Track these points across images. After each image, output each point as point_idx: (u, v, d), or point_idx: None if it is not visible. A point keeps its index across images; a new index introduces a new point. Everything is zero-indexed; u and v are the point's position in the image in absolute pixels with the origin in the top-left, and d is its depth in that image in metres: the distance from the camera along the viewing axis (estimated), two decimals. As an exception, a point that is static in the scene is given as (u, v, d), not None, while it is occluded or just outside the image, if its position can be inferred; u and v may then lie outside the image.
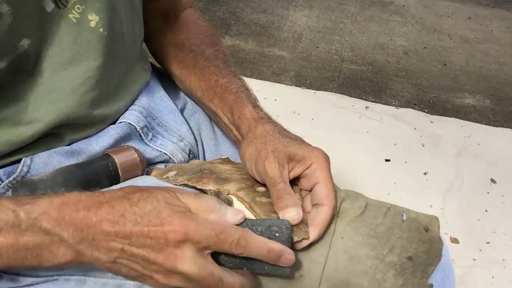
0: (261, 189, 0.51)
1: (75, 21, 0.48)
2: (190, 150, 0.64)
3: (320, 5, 2.59)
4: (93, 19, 0.50)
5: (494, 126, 1.76)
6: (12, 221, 0.38)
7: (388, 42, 2.30)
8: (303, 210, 0.48)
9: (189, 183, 0.52)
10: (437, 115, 1.78)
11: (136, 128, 0.59)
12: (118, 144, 0.57)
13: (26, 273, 0.48)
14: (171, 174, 0.55)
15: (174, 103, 0.67)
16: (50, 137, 0.53)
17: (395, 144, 1.59)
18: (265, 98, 1.73)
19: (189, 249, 0.39)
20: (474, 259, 1.22)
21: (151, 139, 0.60)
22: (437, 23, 2.52)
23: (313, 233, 0.46)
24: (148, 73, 0.65)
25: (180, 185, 0.52)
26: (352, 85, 1.93)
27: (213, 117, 0.65)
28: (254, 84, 0.66)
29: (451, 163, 1.53)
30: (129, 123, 0.58)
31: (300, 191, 0.52)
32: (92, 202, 0.40)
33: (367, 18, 2.51)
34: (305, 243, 0.46)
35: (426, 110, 1.83)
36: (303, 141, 0.52)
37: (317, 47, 2.20)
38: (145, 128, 0.60)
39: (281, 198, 0.47)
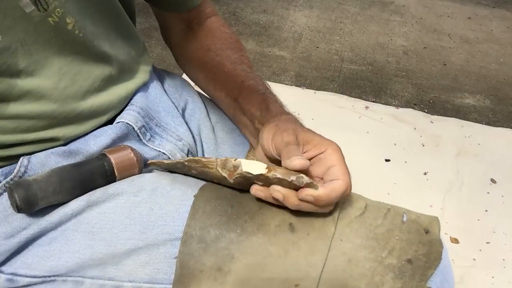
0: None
1: (53, 24, 0.49)
2: (188, 150, 0.64)
3: (320, 5, 2.59)
4: (71, 22, 0.50)
5: (494, 126, 1.76)
6: None
7: (388, 42, 2.30)
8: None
9: (195, 158, 0.51)
10: (437, 115, 1.78)
11: (134, 128, 0.59)
12: (116, 144, 0.57)
13: (23, 273, 0.48)
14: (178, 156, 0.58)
15: (174, 104, 0.67)
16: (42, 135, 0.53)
17: (395, 144, 1.59)
18: (265, 98, 1.73)
19: None
20: (474, 259, 1.22)
21: (149, 139, 0.60)
22: (437, 23, 2.53)
23: (321, 190, 0.45)
24: (147, 74, 0.65)
25: (187, 161, 0.51)
26: (352, 85, 1.93)
27: (233, 114, 0.66)
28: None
29: (451, 163, 1.53)
30: (126, 123, 0.58)
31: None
32: None
33: (367, 18, 2.51)
34: (310, 191, 0.45)
35: (426, 110, 1.83)
36: (319, 135, 0.52)
37: (317, 47, 2.20)
38: (143, 128, 0.60)
39: (291, 151, 0.46)
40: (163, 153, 0.61)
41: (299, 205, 0.46)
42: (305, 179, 0.44)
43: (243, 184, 0.50)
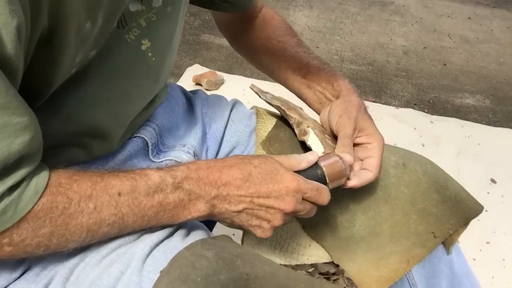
0: (329, 138, 0.63)
1: (129, 41, 0.52)
2: (194, 152, 0.65)
3: (320, 5, 2.59)
4: (145, 44, 0.53)
5: (494, 126, 1.76)
6: (160, 185, 0.47)
7: (388, 42, 2.30)
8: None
9: (282, 107, 0.65)
10: (437, 115, 1.79)
11: (148, 144, 0.61)
12: (128, 159, 0.59)
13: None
14: (268, 96, 0.68)
15: (188, 119, 0.69)
16: (76, 147, 0.53)
17: (395, 144, 1.59)
18: (265, 98, 1.73)
19: (300, 196, 0.52)
20: (474, 259, 1.22)
21: (155, 155, 0.63)
22: (437, 23, 2.53)
23: (355, 180, 0.58)
24: (165, 95, 0.68)
25: (275, 105, 0.66)
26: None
27: (298, 88, 0.75)
28: (255, 84, 0.69)
29: (451, 163, 1.53)
30: (142, 137, 0.60)
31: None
32: (222, 166, 0.50)
33: (367, 18, 2.51)
34: (350, 183, 0.58)
35: (426, 110, 1.83)
36: (375, 125, 0.64)
37: (317, 47, 2.20)
38: (154, 145, 0.62)
39: (346, 146, 0.59)
40: (170, 159, 0.63)
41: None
42: (348, 173, 0.58)
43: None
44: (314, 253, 0.66)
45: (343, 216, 0.64)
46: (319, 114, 0.70)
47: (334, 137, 0.64)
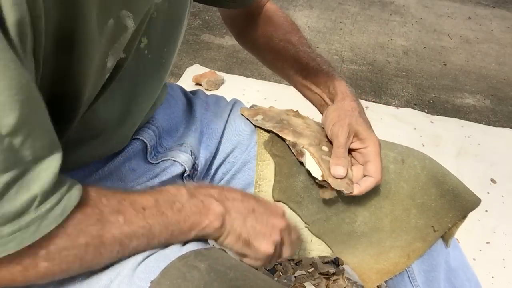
0: (325, 148, 0.64)
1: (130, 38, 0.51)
2: (191, 151, 0.64)
3: (320, 5, 2.60)
4: (144, 41, 0.53)
5: (494, 126, 1.76)
6: (177, 196, 0.49)
7: (388, 42, 2.30)
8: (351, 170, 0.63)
9: (274, 130, 0.67)
10: (437, 115, 1.79)
11: (146, 146, 0.60)
12: (126, 161, 0.58)
13: None
14: (259, 118, 0.70)
15: (186, 119, 0.69)
16: (79, 147, 0.53)
17: (395, 144, 1.59)
18: (265, 98, 1.73)
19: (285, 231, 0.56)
20: (474, 259, 1.22)
21: (153, 157, 0.62)
22: (437, 23, 2.53)
23: (356, 190, 0.60)
24: (165, 95, 0.67)
25: (267, 129, 0.68)
26: (352, 85, 1.93)
27: (302, 90, 0.77)
28: (254, 84, 0.69)
29: (451, 163, 1.53)
30: (142, 139, 0.60)
31: (351, 159, 0.65)
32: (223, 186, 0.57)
33: (367, 18, 2.51)
34: (351, 194, 0.60)
35: (426, 110, 1.83)
36: (370, 127, 0.66)
37: (317, 47, 2.20)
38: (152, 147, 0.62)
39: (338, 157, 0.61)
40: (167, 159, 0.62)
41: None
42: (344, 191, 0.60)
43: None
44: (315, 247, 0.67)
45: (345, 213, 0.65)
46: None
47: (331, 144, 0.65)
